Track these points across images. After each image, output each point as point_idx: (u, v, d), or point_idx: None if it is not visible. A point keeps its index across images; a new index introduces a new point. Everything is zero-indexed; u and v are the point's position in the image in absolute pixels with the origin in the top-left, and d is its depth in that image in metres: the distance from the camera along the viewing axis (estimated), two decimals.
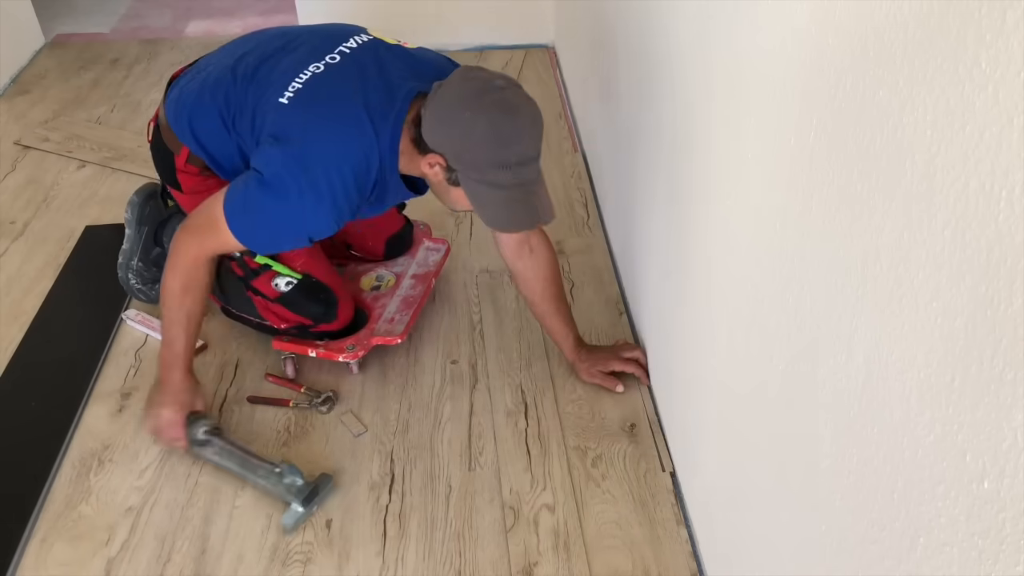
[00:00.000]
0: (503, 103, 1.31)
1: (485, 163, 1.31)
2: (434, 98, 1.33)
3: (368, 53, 1.47)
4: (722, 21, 1.08)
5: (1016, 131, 0.52)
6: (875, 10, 0.68)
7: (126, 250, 1.89)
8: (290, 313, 1.66)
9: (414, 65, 1.47)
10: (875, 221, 0.71)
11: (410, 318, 1.75)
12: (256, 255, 1.61)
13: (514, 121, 1.31)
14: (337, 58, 1.45)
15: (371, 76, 1.42)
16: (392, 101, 1.39)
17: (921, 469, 0.66)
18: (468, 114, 1.29)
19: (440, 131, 1.33)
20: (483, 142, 1.30)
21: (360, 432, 1.62)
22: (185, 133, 1.53)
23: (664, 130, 1.41)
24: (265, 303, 1.67)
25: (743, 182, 1.05)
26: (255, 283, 1.65)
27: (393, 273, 1.86)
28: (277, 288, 1.64)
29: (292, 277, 1.64)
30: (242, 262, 1.63)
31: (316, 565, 1.38)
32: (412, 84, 1.41)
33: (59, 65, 3.04)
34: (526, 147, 1.33)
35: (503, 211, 1.38)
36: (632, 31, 1.62)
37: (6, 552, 1.40)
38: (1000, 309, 0.55)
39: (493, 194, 1.35)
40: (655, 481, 1.50)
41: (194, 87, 1.54)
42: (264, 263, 1.63)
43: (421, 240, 1.95)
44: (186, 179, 1.59)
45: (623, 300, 1.90)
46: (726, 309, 1.16)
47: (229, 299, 1.76)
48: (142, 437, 1.61)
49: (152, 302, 1.90)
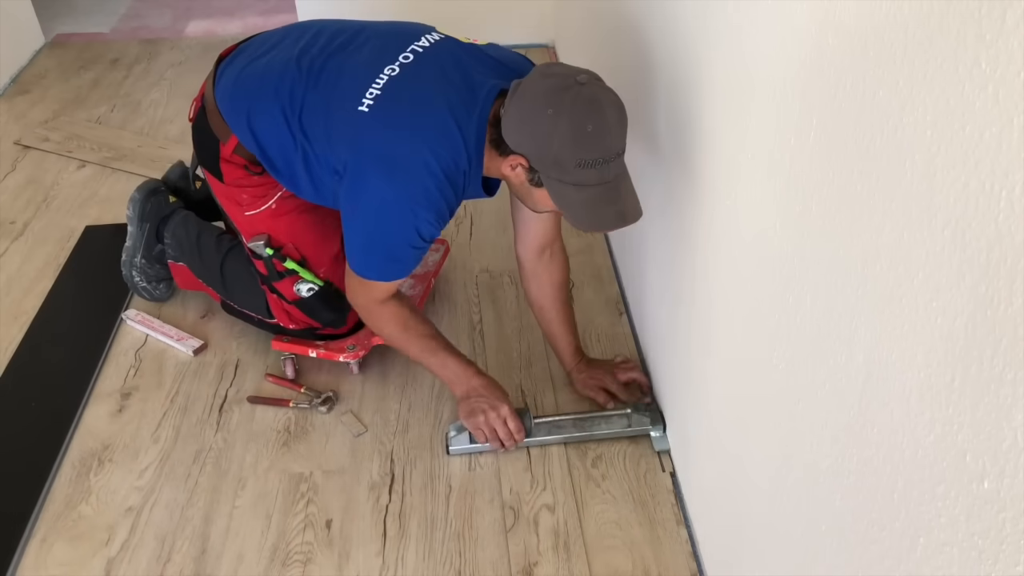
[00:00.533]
0: (586, 99, 1.23)
1: (569, 163, 1.23)
2: (514, 97, 1.26)
3: (444, 52, 1.41)
4: (722, 21, 1.08)
5: (1016, 131, 0.52)
6: (875, 10, 0.68)
7: (129, 247, 1.88)
8: (304, 316, 1.67)
9: (491, 63, 1.41)
10: (875, 221, 0.71)
11: None
12: (286, 259, 1.60)
13: (598, 118, 1.23)
14: (411, 57, 1.39)
15: (451, 76, 1.36)
16: (475, 101, 1.34)
17: (921, 469, 0.66)
18: (551, 112, 1.22)
19: (522, 131, 1.26)
20: (567, 141, 1.22)
21: (360, 432, 1.62)
22: (240, 123, 1.47)
23: (664, 129, 1.41)
24: (280, 302, 1.67)
25: (743, 182, 1.05)
26: (277, 285, 1.64)
27: None
28: (298, 293, 1.63)
29: (315, 284, 1.62)
30: (269, 263, 1.61)
31: (316, 565, 1.38)
32: (493, 82, 1.35)
33: (59, 65, 3.04)
34: (611, 144, 1.25)
35: (589, 211, 1.29)
36: (632, 31, 1.62)
37: (6, 552, 1.41)
38: (1000, 309, 0.55)
39: (579, 194, 1.27)
40: (655, 481, 1.50)
41: (255, 74, 1.48)
42: (292, 268, 1.61)
43: None
44: (230, 170, 1.55)
45: (623, 300, 1.90)
46: (726, 309, 1.16)
47: (232, 295, 1.75)
48: (142, 437, 1.61)
49: (157, 300, 1.91)
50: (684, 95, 1.28)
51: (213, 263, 1.75)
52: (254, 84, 1.47)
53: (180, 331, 1.83)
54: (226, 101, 1.50)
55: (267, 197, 1.58)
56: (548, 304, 1.63)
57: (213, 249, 1.75)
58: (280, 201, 1.58)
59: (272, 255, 1.60)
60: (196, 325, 1.87)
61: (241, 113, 1.47)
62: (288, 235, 1.61)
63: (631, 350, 1.76)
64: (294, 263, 1.61)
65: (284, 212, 1.59)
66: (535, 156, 1.27)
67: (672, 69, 1.34)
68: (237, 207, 1.61)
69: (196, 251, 1.78)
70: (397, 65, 1.38)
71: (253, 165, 1.53)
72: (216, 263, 1.74)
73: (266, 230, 1.60)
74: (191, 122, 1.61)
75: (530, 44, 3.05)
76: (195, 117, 1.58)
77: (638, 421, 1.56)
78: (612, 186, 1.28)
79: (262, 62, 1.49)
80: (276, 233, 1.61)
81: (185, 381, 1.73)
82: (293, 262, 1.61)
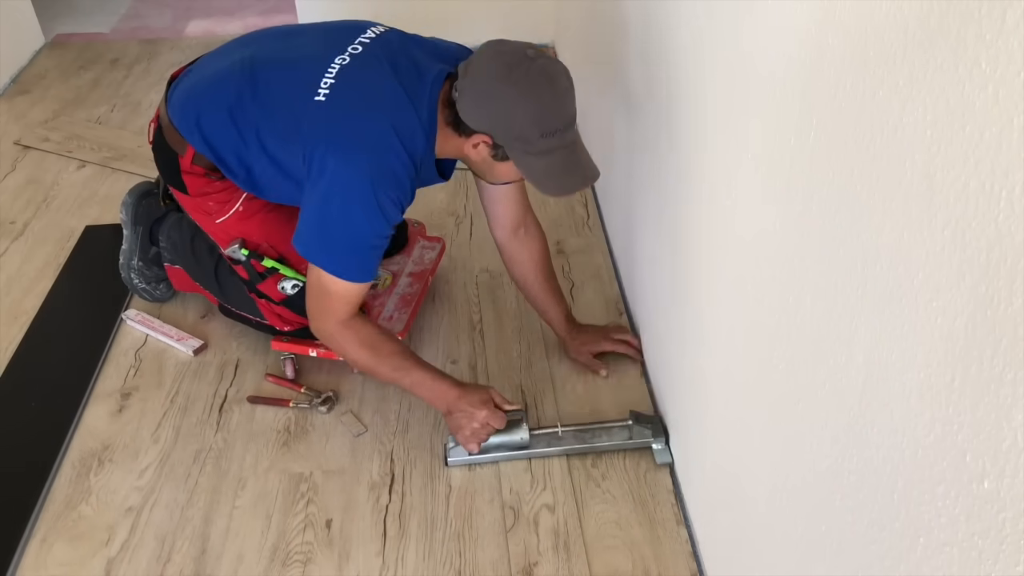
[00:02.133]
0: (538, 71, 1.30)
1: (533, 135, 1.31)
2: (467, 78, 1.32)
3: (391, 41, 1.46)
4: (722, 20, 1.08)
5: (1016, 131, 0.52)
6: (875, 10, 0.68)
7: (126, 251, 1.89)
8: (294, 315, 1.65)
9: (435, 50, 1.47)
10: (875, 221, 0.71)
11: (409, 316, 1.75)
12: (264, 259, 1.60)
13: (553, 88, 1.31)
14: (359, 48, 1.43)
15: (400, 62, 1.41)
16: (424, 84, 1.38)
17: (921, 469, 0.66)
18: (510, 89, 1.29)
19: (481, 110, 1.32)
20: (530, 115, 1.30)
21: (360, 432, 1.62)
22: (192, 131, 1.49)
23: (664, 129, 1.41)
24: (269, 306, 1.67)
25: (743, 182, 1.05)
26: (260, 287, 1.63)
27: (389, 271, 1.86)
28: (283, 291, 1.62)
29: (298, 280, 1.60)
30: (249, 266, 1.61)
31: (316, 565, 1.38)
32: (440, 66, 1.41)
33: (59, 65, 3.04)
34: (568, 110, 1.34)
35: (555, 178, 1.38)
36: (632, 31, 1.62)
37: (6, 552, 1.41)
38: (1000, 309, 0.55)
39: (543, 162, 1.35)
40: (655, 481, 1.50)
41: (201, 84, 1.51)
42: (272, 266, 1.60)
43: (416, 239, 1.95)
44: (192, 181, 1.56)
45: (623, 300, 1.90)
46: (726, 309, 1.16)
47: (229, 298, 1.75)
48: (142, 437, 1.61)
49: (157, 301, 1.91)
50: (684, 95, 1.28)
51: (207, 267, 1.75)
52: (201, 91, 1.50)
53: (180, 331, 1.83)
54: (177, 113, 1.51)
55: (232, 201, 1.58)
56: (532, 278, 1.68)
57: (207, 253, 1.74)
58: (246, 203, 1.58)
59: (248, 256, 1.59)
60: (196, 325, 1.87)
61: (191, 121, 1.48)
62: (261, 235, 1.61)
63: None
64: (272, 261, 1.60)
65: (252, 213, 1.60)
66: (499, 133, 1.33)
67: (672, 69, 1.34)
68: (207, 217, 1.61)
69: (191, 255, 1.78)
70: (347, 55, 1.41)
71: (212, 172, 1.54)
72: (210, 267, 1.74)
73: (239, 234, 1.60)
74: (150, 144, 1.61)
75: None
76: (153, 138, 1.59)
77: (639, 433, 1.54)
78: (571, 150, 1.37)
79: (208, 71, 1.52)
80: (249, 235, 1.61)
81: (185, 381, 1.73)
82: (271, 260, 1.60)
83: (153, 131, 1.60)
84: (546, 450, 1.53)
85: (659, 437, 1.53)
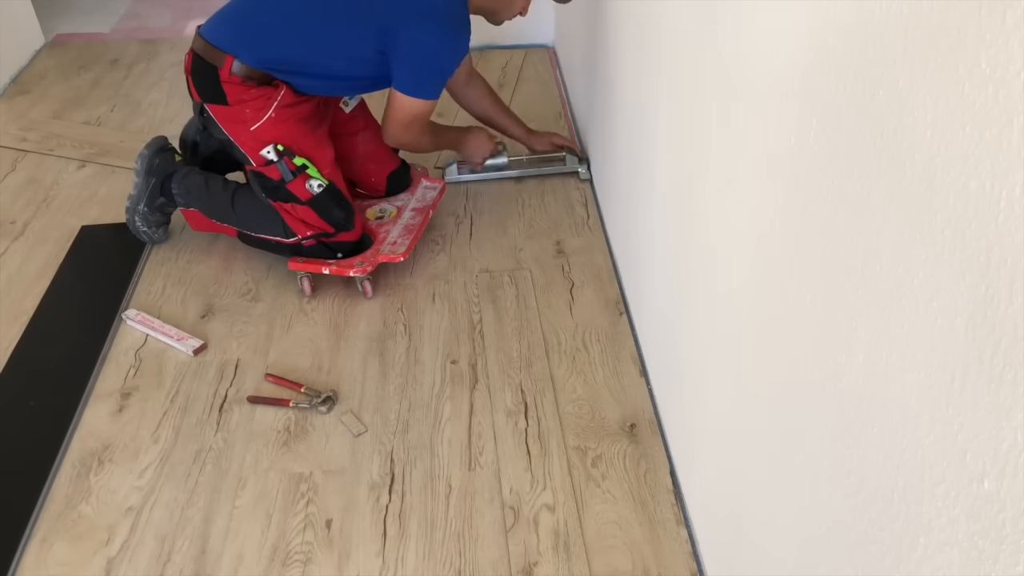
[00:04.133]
0: None
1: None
2: None
3: None
4: (722, 21, 1.08)
5: (1016, 131, 0.52)
6: (875, 10, 0.68)
7: (133, 196, 2.03)
8: (316, 217, 1.84)
9: None
10: (875, 221, 0.71)
11: (411, 241, 1.96)
12: (295, 156, 1.81)
13: None
14: None
15: None
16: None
17: (921, 469, 0.66)
18: None
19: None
20: None
21: (360, 432, 1.62)
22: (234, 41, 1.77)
23: (664, 130, 1.41)
24: (295, 212, 1.85)
25: (743, 182, 1.05)
26: (291, 186, 1.81)
27: (395, 206, 2.08)
28: (311, 189, 1.82)
29: (322, 181, 1.83)
30: (283, 164, 1.80)
31: (316, 565, 1.38)
32: None
33: (59, 65, 3.04)
34: None
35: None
36: (632, 31, 1.62)
37: (6, 552, 1.41)
38: (1000, 309, 0.55)
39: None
40: (655, 481, 1.50)
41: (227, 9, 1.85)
42: (302, 163, 1.81)
43: (419, 180, 2.17)
44: (231, 89, 1.78)
45: (623, 300, 1.90)
46: (726, 309, 1.16)
47: (247, 222, 1.94)
48: (142, 437, 1.61)
49: (156, 242, 2.10)
50: (684, 95, 1.28)
51: (224, 199, 1.94)
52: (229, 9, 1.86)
53: (180, 331, 1.83)
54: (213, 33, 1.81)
55: (267, 108, 1.80)
56: (489, 107, 2.20)
57: (221, 189, 1.95)
58: (279, 110, 1.81)
59: (283, 152, 1.80)
60: (196, 325, 1.87)
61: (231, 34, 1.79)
62: (291, 139, 1.83)
63: (631, 351, 1.76)
64: (303, 159, 1.82)
65: (283, 120, 1.82)
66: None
67: (672, 70, 1.34)
68: (243, 126, 1.81)
69: (206, 192, 1.96)
70: None
71: (248, 80, 1.78)
72: (227, 199, 1.93)
73: (272, 139, 1.81)
74: (187, 73, 1.85)
75: (530, 44, 3.05)
76: (191, 64, 1.83)
77: (570, 161, 2.28)
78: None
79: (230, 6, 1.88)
80: (281, 139, 1.82)
81: (185, 381, 1.73)
82: (302, 158, 1.82)
83: (189, 59, 1.84)
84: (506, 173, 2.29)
85: (583, 163, 2.28)
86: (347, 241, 1.91)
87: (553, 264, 2.01)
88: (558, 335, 1.81)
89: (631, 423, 1.61)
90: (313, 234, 1.87)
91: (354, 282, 1.94)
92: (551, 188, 2.27)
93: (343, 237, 1.90)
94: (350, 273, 1.88)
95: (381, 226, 2.01)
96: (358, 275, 1.89)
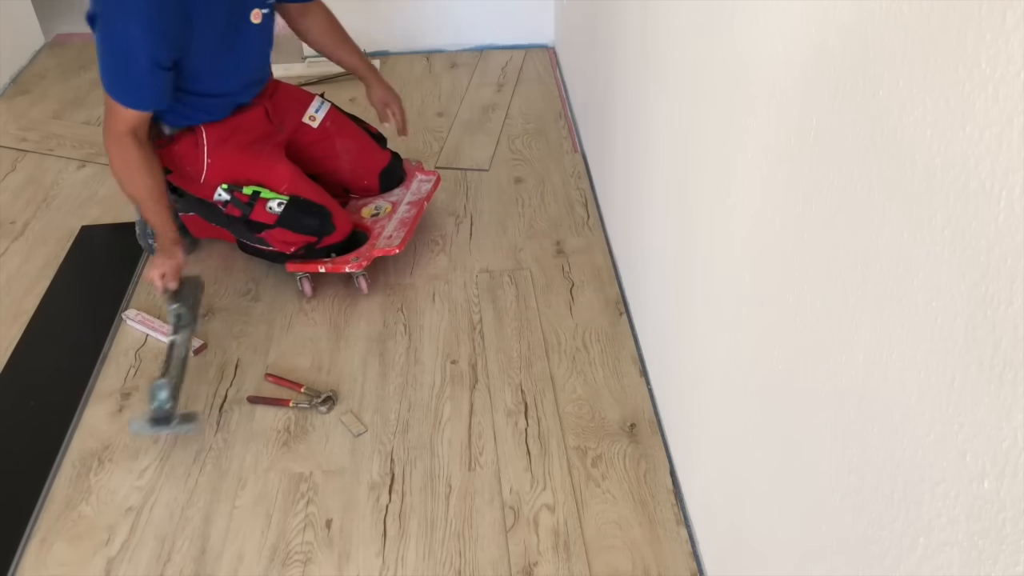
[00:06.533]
0: None
1: None
2: None
3: None
4: (722, 21, 1.08)
5: (1016, 131, 0.52)
6: (875, 10, 0.68)
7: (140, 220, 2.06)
8: (292, 234, 1.82)
9: None
10: (875, 221, 0.71)
11: (406, 234, 1.95)
12: (243, 187, 1.78)
13: None
14: None
15: None
16: None
17: (921, 469, 0.66)
18: None
19: None
20: None
21: (360, 432, 1.62)
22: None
23: (664, 130, 1.41)
24: (273, 235, 1.83)
25: (743, 182, 1.05)
26: (252, 216, 1.80)
27: (389, 202, 2.07)
28: (272, 211, 1.79)
29: (281, 199, 1.80)
30: (236, 201, 1.78)
31: (316, 565, 1.38)
32: None
33: (59, 65, 3.04)
34: None
35: None
36: (632, 31, 1.62)
37: (6, 552, 1.41)
38: (1000, 309, 0.55)
39: None
40: (655, 481, 1.50)
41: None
42: (252, 191, 1.78)
43: (414, 174, 2.14)
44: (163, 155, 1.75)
45: (623, 300, 1.90)
46: (726, 309, 1.16)
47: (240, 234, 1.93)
48: (142, 437, 1.61)
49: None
50: (684, 95, 1.28)
51: (218, 210, 1.88)
52: None
53: None
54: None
55: (199, 157, 1.79)
56: (331, 40, 1.99)
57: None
58: (212, 151, 1.79)
59: (230, 189, 1.78)
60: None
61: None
62: (236, 172, 1.81)
63: (631, 350, 1.76)
64: (251, 187, 1.79)
65: (222, 157, 1.80)
66: None
67: (672, 69, 1.34)
68: (195, 184, 1.82)
69: (201, 202, 1.91)
70: None
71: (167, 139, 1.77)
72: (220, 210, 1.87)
73: (220, 181, 1.79)
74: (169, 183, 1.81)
75: (530, 44, 3.05)
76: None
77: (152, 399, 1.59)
78: None
79: None
80: (226, 177, 1.80)
81: (185, 381, 1.73)
82: (250, 187, 1.79)
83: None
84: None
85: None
86: (335, 243, 1.88)
87: (553, 264, 2.01)
88: (558, 335, 1.81)
89: (631, 423, 1.61)
90: (298, 248, 1.85)
91: (353, 282, 1.94)
92: (551, 188, 2.27)
93: (328, 240, 1.87)
94: (346, 269, 1.88)
95: (376, 222, 2.00)
96: (354, 270, 1.89)
